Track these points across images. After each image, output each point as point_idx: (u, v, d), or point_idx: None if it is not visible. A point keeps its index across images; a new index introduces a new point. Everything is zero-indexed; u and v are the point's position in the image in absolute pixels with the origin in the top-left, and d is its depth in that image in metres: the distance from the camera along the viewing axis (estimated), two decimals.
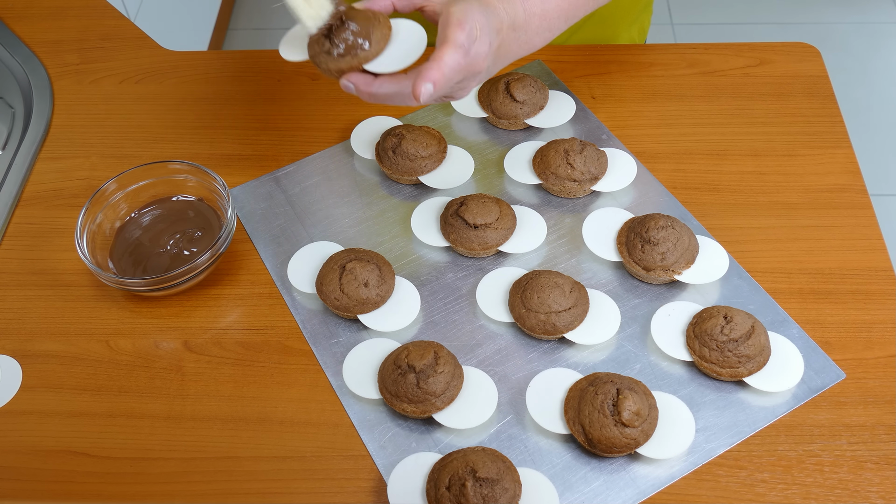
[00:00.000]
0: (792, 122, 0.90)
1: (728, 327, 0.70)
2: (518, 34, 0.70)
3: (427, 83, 0.63)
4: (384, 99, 0.67)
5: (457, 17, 0.64)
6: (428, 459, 0.66)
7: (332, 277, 0.75)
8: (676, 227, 0.76)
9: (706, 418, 0.69)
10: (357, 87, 0.67)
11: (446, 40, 0.64)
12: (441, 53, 0.63)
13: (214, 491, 0.68)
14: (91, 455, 0.70)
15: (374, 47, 0.66)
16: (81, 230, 0.78)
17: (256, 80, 0.98)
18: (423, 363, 0.68)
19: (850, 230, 0.81)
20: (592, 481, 0.66)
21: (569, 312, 0.72)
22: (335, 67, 0.66)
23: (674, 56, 0.97)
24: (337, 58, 0.66)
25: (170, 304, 0.79)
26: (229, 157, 0.90)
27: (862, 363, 0.72)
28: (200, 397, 0.73)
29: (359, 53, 0.66)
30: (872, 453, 0.67)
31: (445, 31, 0.64)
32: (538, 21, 0.71)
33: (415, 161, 0.84)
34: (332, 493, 0.67)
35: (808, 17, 2.42)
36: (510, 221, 0.80)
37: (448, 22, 0.64)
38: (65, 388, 0.74)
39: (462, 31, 0.64)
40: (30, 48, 1.02)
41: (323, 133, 0.92)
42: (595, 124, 0.90)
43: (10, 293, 0.80)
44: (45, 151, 0.92)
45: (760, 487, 0.66)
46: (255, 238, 0.83)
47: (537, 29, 0.71)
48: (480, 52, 0.65)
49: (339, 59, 0.66)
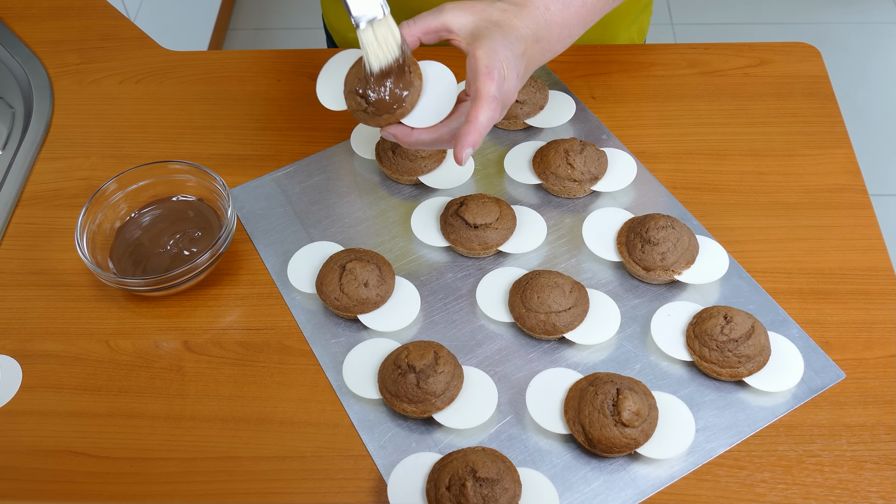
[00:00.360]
0: (792, 122, 0.90)
1: (728, 327, 0.70)
2: (541, 45, 0.70)
3: (467, 148, 0.64)
4: (425, 146, 0.69)
5: (484, 65, 0.64)
6: (428, 459, 0.66)
7: (332, 277, 0.75)
8: (676, 227, 0.76)
9: (706, 418, 0.69)
10: (397, 138, 0.69)
11: (479, 96, 0.64)
12: (476, 113, 0.64)
13: (214, 491, 0.68)
14: (91, 455, 0.70)
15: (408, 101, 0.67)
16: (81, 230, 0.78)
17: (256, 80, 0.98)
18: (423, 363, 0.68)
19: (850, 230, 0.81)
20: (592, 481, 0.66)
21: (569, 312, 0.72)
22: (374, 124, 0.69)
23: (674, 56, 0.97)
24: (373, 117, 0.68)
25: (170, 304, 0.79)
26: (229, 157, 0.90)
27: (862, 363, 0.72)
28: (200, 397, 0.73)
29: (395, 112, 0.67)
30: (872, 453, 0.67)
31: (476, 84, 0.64)
32: (559, 29, 0.71)
33: (415, 161, 0.84)
34: (332, 493, 0.67)
35: (808, 17, 2.42)
36: (510, 221, 0.80)
37: (477, 72, 0.65)
38: (65, 388, 0.74)
39: (492, 82, 0.64)
40: (30, 48, 1.02)
41: (323, 133, 0.92)
42: (595, 124, 0.90)
43: (10, 293, 0.80)
44: (45, 151, 0.92)
45: (760, 487, 0.66)
46: (255, 238, 0.83)
47: (558, 36, 0.72)
48: (510, 88, 0.67)
49: (376, 118, 0.68)
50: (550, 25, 0.70)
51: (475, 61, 0.65)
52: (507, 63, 0.66)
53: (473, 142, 0.64)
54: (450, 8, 0.68)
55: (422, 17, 0.69)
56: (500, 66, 0.65)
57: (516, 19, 0.68)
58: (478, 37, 0.66)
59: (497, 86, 0.64)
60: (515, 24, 0.68)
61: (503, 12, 0.68)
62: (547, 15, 0.70)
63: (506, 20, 0.68)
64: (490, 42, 0.65)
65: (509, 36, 0.67)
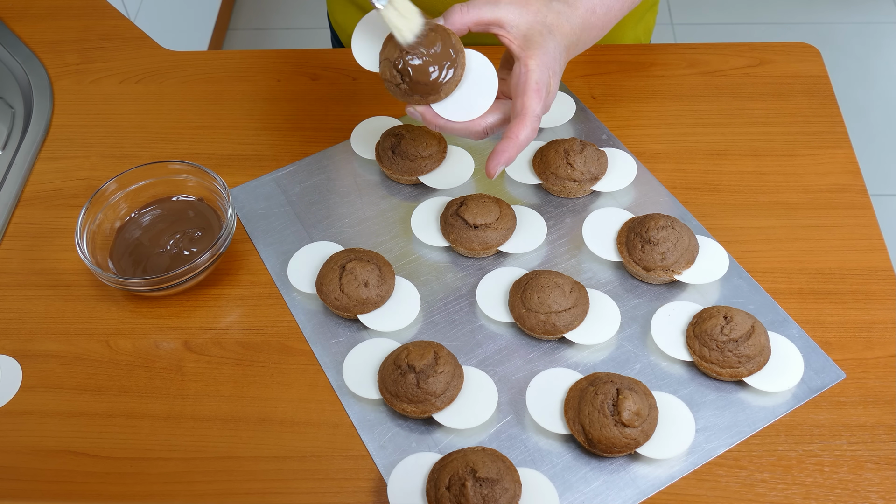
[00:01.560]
0: (792, 122, 0.90)
1: (728, 327, 0.70)
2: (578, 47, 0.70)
3: (501, 165, 0.63)
4: (451, 132, 0.67)
5: (536, 80, 0.63)
6: (428, 459, 0.66)
7: (332, 277, 0.75)
8: (676, 227, 0.76)
9: (706, 418, 0.69)
10: (424, 117, 0.66)
11: (524, 113, 0.63)
12: (518, 131, 0.62)
13: (214, 491, 0.68)
14: (91, 455, 0.70)
15: (444, 90, 0.65)
16: (81, 230, 0.78)
17: (256, 80, 0.98)
18: (423, 363, 0.68)
19: (850, 230, 0.81)
20: (592, 481, 0.66)
21: (569, 312, 0.72)
22: (402, 100, 0.66)
23: (674, 56, 0.97)
24: (405, 94, 0.65)
25: (170, 304, 0.79)
26: (229, 157, 0.90)
27: (862, 363, 0.72)
28: (200, 397, 0.73)
29: (428, 98, 0.65)
30: (872, 453, 0.67)
31: (523, 99, 0.63)
32: (596, 32, 0.71)
33: (415, 161, 0.84)
34: (332, 493, 0.67)
35: (808, 17, 2.42)
36: (510, 221, 0.80)
37: (527, 87, 0.63)
38: (65, 388, 0.74)
39: (540, 101, 0.63)
40: (30, 48, 1.02)
41: (323, 133, 0.92)
42: (595, 124, 0.90)
43: (10, 293, 0.80)
44: (45, 151, 0.92)
45: (760, 487, 0.66)
46: (255, 238, 0.83)
47: (592, 38, 0.71)
48: (550, 102, 0.66)
49: (407, 96, 0.65)
50: (591, 28, 0.70)
51: (527, 73, 0.63)
52: (554, 77, 0.65)
53: (509, 158, 0.63)
54: (507, 2, 0.66)
55: (477, 4, 0.66)
56: (548, 81, 0.64)
57: (567, 23, 0.67)
58: (531, 42, 0.64)
59: (544, 106, 0.63)
60: (566, 29, 0.66)
61: (558, 15, 0.66)
62: (592, 18, 0.69)
63: (558, 25, 0.66)
64: (543, 54, 0.64)
65: (560, 44, 0.66)
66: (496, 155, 0.63)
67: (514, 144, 0.63)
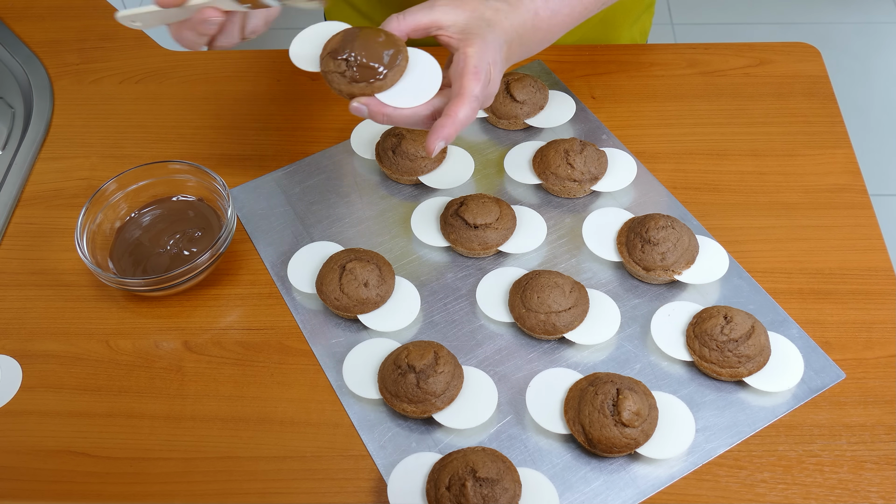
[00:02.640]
0: (792, 122, 0.90)
1: (728, 327, 0.70)
2: (522, 47, 0.70)
3: (440, 141, 0.63)
4: (398, 122, 0.67)
5: (474, 65, 0.64)
6: (428, 459, 0.66)
7: (332, 277, 0.75)
8: (676, 227, 0.76)
9: (706, 418, 0.69)
10: (370, 109, 0.66)
11: (462, 92, 0.63)
12: (456, 108, 0.63)
13: (214, 491, 0.68)
14: (91, 455, 0.70)
15: (389, 78, 0.65)
16: (81, 230, 0.78)
17: (256, 80, 0.98)
18: (423, 363, 0.68)
19: (850, 230, 0.81)
20: (592, 481, 0.66)
21: (569, 312, 0.72)
22: (347, 91, 0.66)
23: (674, 56, 0.97)
24: (350, 82, 0.65)
25: (170, 304, 0.79)
26: (229, 157, 0.90)
27: (862, 363, 0.72)
28: (200, 397, 0.73)
29: (374, 83, 0.65)
30: (872, 453, 0.67)
31: (462, 80, 0.64)
32: (542, 34, 0.71)
33: (415, 161, 0.84)
34: (332, 493, 0.67)
35: (808, 17, 2.42)
36: (510, 221, 0.80)
37: (465, 69, 0.64)
38: (65, 388, 0.74)
39: (478, 83, 0.64)
40: (30, 48, 1.02)
41: (323, 133, 0.92)
42: (595, 124, 0.90)
43: (10, 293, 0.80)
44: (45, 151, 0.92)
45: (760, 487, 0.66)
46: (255, 238, 0.83)
47: (539, 41, 0.72)
48: (493, 92, 0.66)
49: (352, 83, 0.65)
50: (536, 30, 0.70)
51: (465, 58, 0.64)
52: (495, 66, 0.66)
53: (447, 135, 0.63)
54: (442, 4, 0.67)
55: (412, 11, 0.67)
56: (488, 69, 0.65)
57: (507, 20, 0.68)
58: (469, 34, 0.66)
59: (482, 87, 0.64)
60: (505, 26, 0.68)
61: (496, 12, 0.68)
62: (535, 20, 0.70)
63: (497, 20, 0.67)
64: (482, 42, 0.65)
65: (500, 38, 0.67)
66: (435, 131, 0.63)
67: (453, 121, 0.63)
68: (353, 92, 0.66)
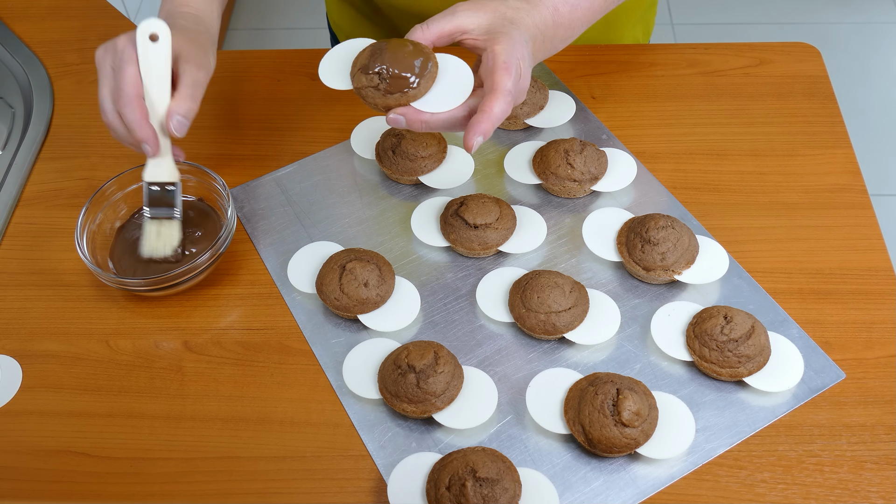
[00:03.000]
0: (792, 122, 0.90)
1: (728, 327, 0.70)
2: (546, 44, 0.71)
3: (478, 136, 0.64)
4: (437, 127, 0.67)
5: (503, 60, 0.64)
6: (428, 459, 0.66)
7: (332, 277, 0.75)
8: (676, 227, 0.76)
9: (706, 418, 0.69)
10: (407, 117, 0.67)
11: (494, 88, 0.64)
12: (490, 104, 0.64)
13: (214, 491, 0.68)
14: (91, 455, 0.70)
15: (422, 85, 0.66)
16: (81, 230, 0.78)
17: (256, 80, 0.98)
18: (423, 363, 0.68)
19: (850, 230, 0.81)
20: (592, 481, 0.66)
21: (569, 312, 0.72)
22: (382, 104, 0.66)
23: (674, 56, 0.97)
24: (384, 95, 0.66)
25: (170, 304, 0.79)
26: (229, 157, 0.90)
27: (862, 363, 0.72)
28: (200, 397, 0.73)
29: (408, 92, 0.66)
30: (872, 453, 0.67)
31: (493, 77, 0.64)
32: (564, 31, 0.72)
33: (415, 161, 0.84)
34: (332, 493, 0.67)
35: (808, 17, 2.42)
36: (510, 221, 0.80)
37: (495, 66, 0.64)
38: (65, 388, 0.74)
39: (509, 78, 0.64)
40: (30, 48, 1.02)
41: (323, 133, 0.92)
42: (595, 124, 0.90)
43: (10, 293, 0.80)
44: (45, 151, 0.92)
45: (760, 487, 0.66)
46: (255, 238, 0.83)
47: (562, 37, 0.72)
48: (524, 86, 0.67)
49: (387, 96, 0.66)
50: (557, 27, 0.71)
51: (494, 56, 0.65)
52: (524, 62, 0.66)
53: (485, 130, 0.64)
54: (463, 9, 0.68)
55: (434, 20, 0.68)
56: (518, 63, 0.65)
57: (528, 17, 0.68)
58: (495, 33, 0.66)
59: (514, 81, 0.65)
60: (527, 23, 0.68)
61: (517, 10, 0.68)
62: (556, 16, 0.70)
63: (519, 18, 0.68)
64: (508, 39, 0.65)
65: (524, 34, 0.67)
66: (472, 127, 0.64)
67: (489, 117, 0.64)
68: (388, 104, 0.66)
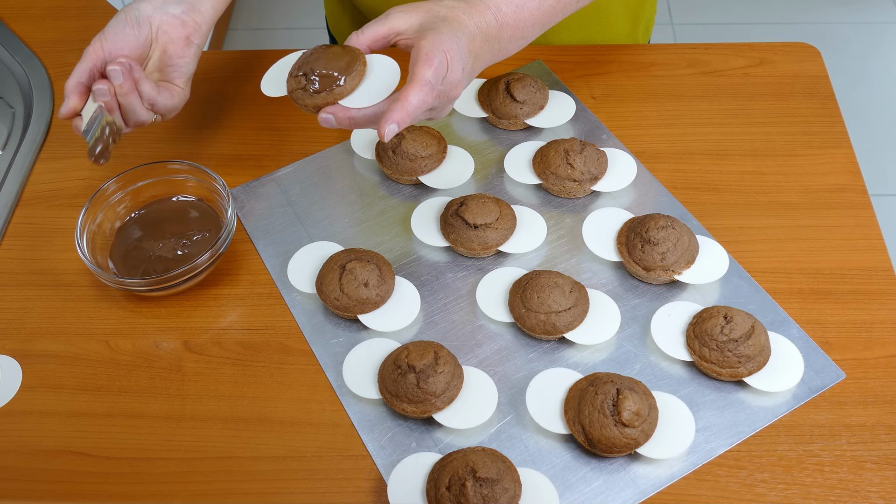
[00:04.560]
0: (792, 122, 0.90)
1: (728, 327, 0.70)
2: (491, 44, 0.71)
3: (391, 124, 0.64)
4: (363, 124, 0.68)
5: (425, 53, 0.65)
6: (428, 459, 0.66)
7: (332, 277, 0.75)
8: (676, 227, 0.76)
9: (706, 418, 0.69)
10: (336, 116, 0.68)
11: (413, 78, 0.65)
12: (406, 93, 0.65)
13: (214, 491, 0.68)
14: (91, 455, 0.70)
15: (348, 83, 0.68)
16: (81, 230, 0.78)
17: (256, 80, 0.98)
18: (423, 363, 0.68)
19: (850, 230, 0.81)
20: (592, 481, 0.66)
21: (569, 312, 0.72)
22: (311, 104, 0.68)
23: (674, 56, 0.97)
24: (313, 94, 0.68)
25: (170, 304, 0.79)
26: (229, 157, 0.90)
27: (862, 363, 0.72)
28: (200, 397, 0.73)
29: (334, 90, 0.67)
30: (872, 453, 0.67)
31: (414, 69, 0.65)
32: (511, 30, 0.72)
33: (415, 161, 0.84)
34: (332, 493, 0.67)
35: (808, 17, 2.42)
36: (510, 221, 0.80)
37: (417, 58, 0.66)
38: (65, 388, 0.74)
39: (429, 68, 0.65)
40: (30, 48, 1.02)
41: (323, 133, 0.92)
42: (595, 124, 0.90)
43: (10, 293, 0.80)
44: (45, 151, 0.92)
45: (760, 487, 0.66)
46: (255, 238, 0.83)
47: (510, 37, 0.73)
48: (454, 79, 0.67)
49: (315, 95, 0.68)
50: (502, 26, 0.71)
51: (417, 49, 0.66)
52: (451, 54, 0.66)
53: (398, 119, 0.64)
54: (396, 12, 0.69)
55: (369, 25, 0.70)
56: (442, 56, 0.66)
57: (464, 16, 0.69)
58: (424, 30, 0.67)
59: (435, 72, 0.65)
60: (463, 20, 0.69)
61: (451, 9, 0.69)
62: (498, 15, 0.71)
63: (453, 16, 0.68)
64: (435, 34, 0.66)
65: (456, 31, 0.68)
66: (385, 115, 0.65)
67: (402, 105, 0.64)
68: (317, 103, 0.68)
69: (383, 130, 0.64)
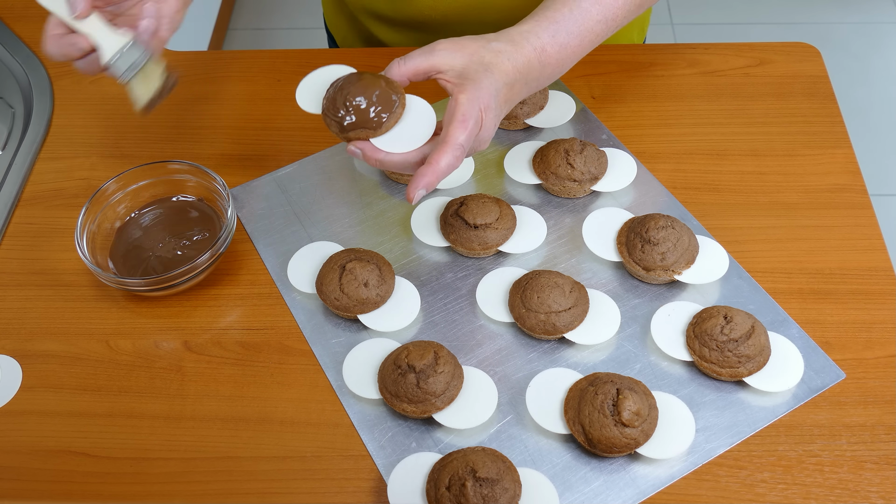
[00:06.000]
0: (792, 122, 0.90)
1: (728, 327, 0.70)
2: (529, 85, 0.70)
3: (421, 189, 0.64)
4: (390, 168, 0.68)
5: (462, 112, 0.64)
6: (428, 459, 0.66)
7: (332, 277, 0.75)
8: (676, 227, 0.76)
9: (706, 418, 0.69)
10: (364, 153, 0.67)
11: (446, 139, 0.64)
12: (438, 156, 0.64)
13: (214, 491, 0.68)
14: (91, 455, 0.70)
15: (383, 124, 0.66)
16: (81, 230, 0.78)
17: (256, 80, 0.98)
18: (423, 363, 0.68)
19: (850, 230, 0.81)
20: (592, 481, 0.66)
21: (569, 312, 0.72)
22: (343, 136, 0.68)
23: (674, 56, 0.97)
24: (347, 127, 0.67)
25: (170, 304, 0.79)
26: (229, 157, 0.90)
27: (862, 363, 0.72)
28: (200, 397, 0.73)
29: (368, 128, 0.66)
30: (872, 453, 0.67)
31: (448, 128, 0.64)
32: (551, 70, 0.71)
33: None
34: (332, 493, 0.67)
35: (808, 17, 2.42)
36: (510, 221, 0.80)
37: (453, 116, 0.64)
38: (65, 388, 0.74)
39: (464, 131, 0.64)
40: (30, 48, 1.02)
41: (323, 133, 0.92)
42: (595, 124, 0.90)
43: (10, 293, 0.80)
44: (45, 151, 0.92)
45: (760, 487, 0.66)
46: (255, 238, 0.83)
47: (550, 75, 0.71)
48: (486, 137, 0.66)
49: (348, 129, 0.67)
50: (544, 66, 0.70)
51: (455, 105, 0.64)
52: (488, 112, 0.65)
53: (428, 183, 0.64)
54: (441, 47, 0.67)
55: (413, 56, 0.68)
56: (478, 115, 0.64)
57: (509, 62, 0.67)
58: (465, 79, 0.66)
59: (468, 135, 0.64)
60: (506, 68, 0.67)
61: (497, 55, 0.67)
62: (543, 57, 0.69)
63: (497, 63, 0.66)
64: (475, 88, 0.65)
65: (497, 81, 0.66)
66: (415, 179, 0.64)
67: (433, 170, 0.63)
68: (348, 136, 0.67)
69: (412, 195, 0.64)
